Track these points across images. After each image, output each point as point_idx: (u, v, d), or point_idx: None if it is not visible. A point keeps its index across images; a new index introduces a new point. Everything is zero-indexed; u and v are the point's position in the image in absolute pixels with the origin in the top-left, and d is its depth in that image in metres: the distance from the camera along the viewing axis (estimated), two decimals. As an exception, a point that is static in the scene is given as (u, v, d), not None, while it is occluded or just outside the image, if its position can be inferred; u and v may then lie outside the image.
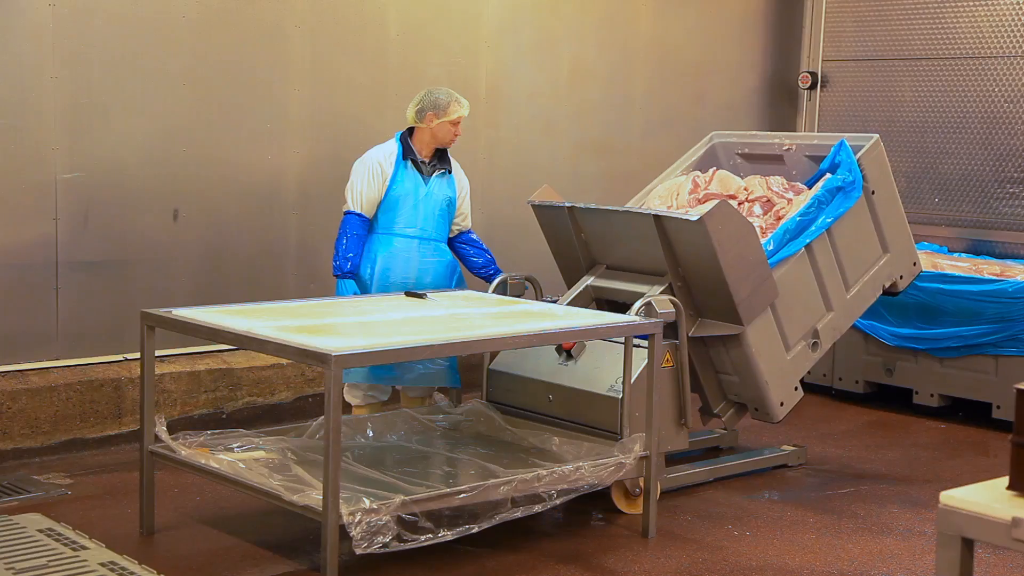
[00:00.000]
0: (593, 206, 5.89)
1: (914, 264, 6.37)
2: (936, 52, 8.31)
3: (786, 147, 6.49)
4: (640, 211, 5.73)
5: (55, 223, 6.10)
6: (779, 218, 6.10)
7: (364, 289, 5.93)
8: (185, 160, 6.49)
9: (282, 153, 6.86)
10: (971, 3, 8.15)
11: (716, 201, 5.97)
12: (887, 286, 6.28)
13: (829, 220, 5.89)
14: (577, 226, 5.96)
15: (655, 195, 6.52)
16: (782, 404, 5.86)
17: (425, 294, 5.61)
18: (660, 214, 5.57)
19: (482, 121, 7.66)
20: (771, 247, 5.75)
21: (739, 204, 6.30)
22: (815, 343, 5.98)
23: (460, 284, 6.14)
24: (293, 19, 6.81)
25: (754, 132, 6.93)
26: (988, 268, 7.46)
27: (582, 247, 6.01)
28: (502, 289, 6.01)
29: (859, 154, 6.00)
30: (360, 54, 7.10)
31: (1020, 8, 7.95)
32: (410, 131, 6.04)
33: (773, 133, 6.94)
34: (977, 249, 8.13)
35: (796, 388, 5.93)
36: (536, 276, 6.17)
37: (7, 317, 6.02)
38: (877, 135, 6.14)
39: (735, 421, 6.04)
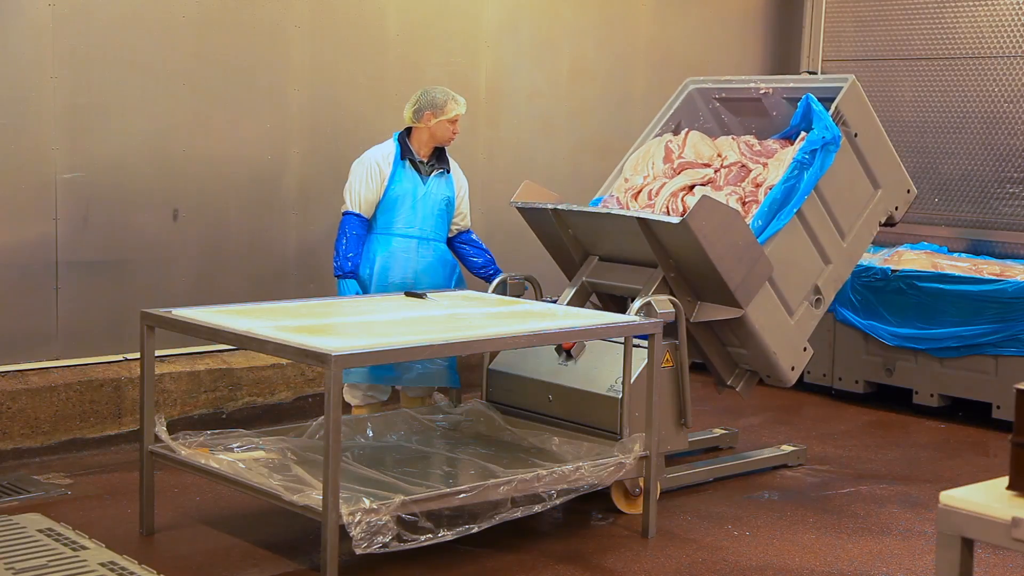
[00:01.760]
0: (576, 208, 5.86)
1: (908, 192, 6.23)
2: (936, 52, 8.31)
3: (763, 91, 6.37)
4: (623, 213, 5.67)
5: (55, 223, 6.10)
6: (757, 185, 6.00)
7: (364, 289, 5.93)
8: (185, 159, 6.49)
9: (282, 153, 6.86)
10: (971, 3, 8.15)
11: (698, 189, 5.95)
12: (883, 221, 6.18)
13: (814, 181, 5.74)
14: (563, 224, 5.94)
15: (630, 166, 6.44)
16: (793, 368, 5.87)
17: (425, 294, 5.61)
18: (644, 216, 5.54)
19: (482, 121, 7.66)
20: (760, 223, 5.67)
21: (715, 172, 6.18)
22: (817, 299, 5.94)
23: (460, 284, 6.13)
24: (293, 19, 6.81)
25: (729, 77, 6.72)
26: (988, 268, 7.45)
27: (571, 242, 5.98)
28: (502, 289, 6.01)
29: (837, 98, 5.84)
30: (360, 54, 7.10)
31: (1020, 8, 7.95)
32: (408, 131, 6.03)
33: (749, 77, 6.77)
34: (977, 249, 8.13)
35: (805, 348, 5.91)
36: (536, 276, 6.16)
37: (7, 317, 6.02)
38: (852, 76, 5.98)
39: (749, 389, 6.03)
